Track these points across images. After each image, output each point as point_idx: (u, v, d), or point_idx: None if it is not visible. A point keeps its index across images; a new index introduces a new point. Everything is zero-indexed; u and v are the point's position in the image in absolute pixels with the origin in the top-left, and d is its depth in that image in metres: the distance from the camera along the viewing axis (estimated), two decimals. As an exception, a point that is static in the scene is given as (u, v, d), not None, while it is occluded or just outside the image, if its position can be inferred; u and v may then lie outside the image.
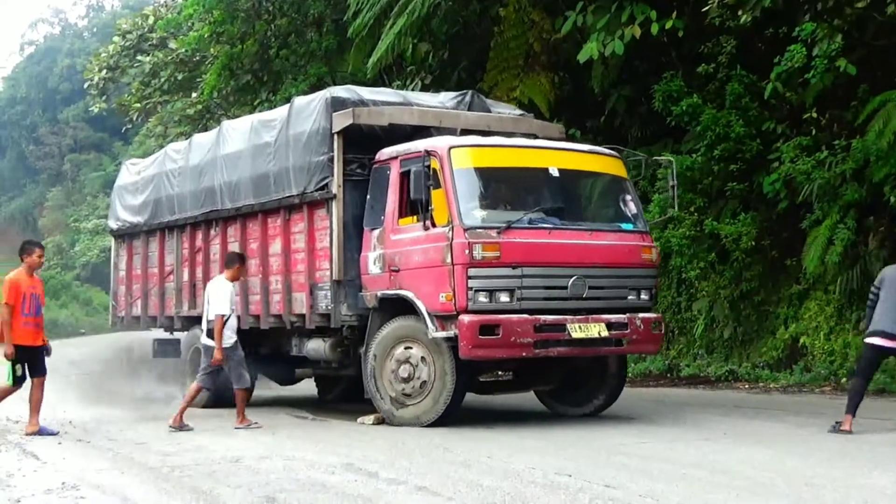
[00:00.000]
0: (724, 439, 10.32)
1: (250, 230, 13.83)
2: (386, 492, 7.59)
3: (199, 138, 16.20)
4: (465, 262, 10.56)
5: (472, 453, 9.49)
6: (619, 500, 7.07)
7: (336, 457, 9.36)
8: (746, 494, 7.26)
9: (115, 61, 34.98)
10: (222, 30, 27.80)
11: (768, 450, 9.49)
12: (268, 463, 9.14)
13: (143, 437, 11.32)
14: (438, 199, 10.90)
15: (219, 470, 8.79)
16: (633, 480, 7.81)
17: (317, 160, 12.25)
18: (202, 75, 30.71)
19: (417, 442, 10.41)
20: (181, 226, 15.38)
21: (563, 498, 7.23)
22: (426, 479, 8.06)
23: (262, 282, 13.41)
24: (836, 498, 7.12)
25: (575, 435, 10.75)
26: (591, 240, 11.43)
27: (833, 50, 15.78)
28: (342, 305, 12.06)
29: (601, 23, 16.94)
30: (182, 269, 15.25)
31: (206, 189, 14.62)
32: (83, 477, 8.57)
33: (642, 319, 11.51)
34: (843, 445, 9.77)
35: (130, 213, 16.93)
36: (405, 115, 12.50)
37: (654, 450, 9.56)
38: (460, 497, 7.28)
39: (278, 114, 13.75)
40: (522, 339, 10.59)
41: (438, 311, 10.81)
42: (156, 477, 8.58)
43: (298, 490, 7.70)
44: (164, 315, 15.87)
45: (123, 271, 17.26)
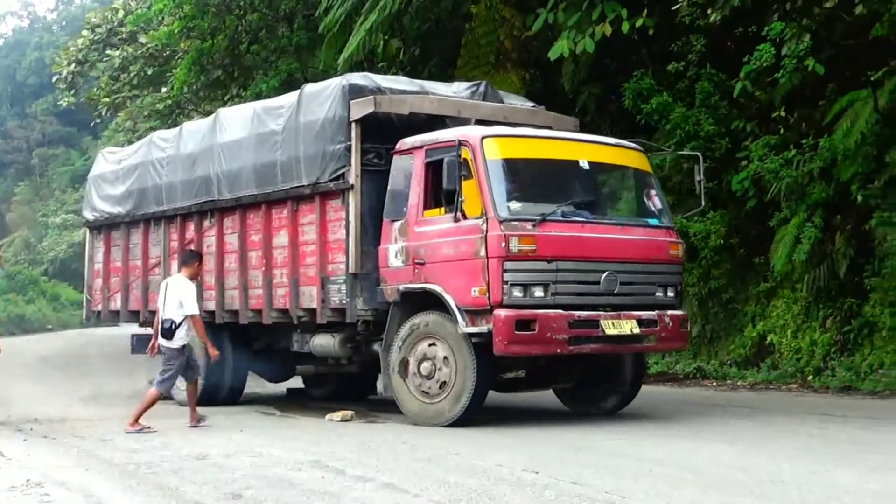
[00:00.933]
0: (692, 436, 10.35)
1: (251, 221, 13.30)
2: (353, 488, 7.53)
3: (191, 125, 15.66)
4: (501, 255, 10.19)
5: (439, 450, 9.44)
6: (585, 496, 7.04)
7: (303, 454, 9.29)
8: (712, 491, 7.26)
9: (84, 55, 34.63)
10: (193, 25, 27.60)
11: (735, 447, 9.52)
12: (235, 460, 9.06)
13: (110, 433, 11.18)
14: (469, 191, 10.51)
15: (185, 467, 8.69)
16: (600, 477, 7.79)
17: (332, 149, 11.79)
18: (172, 70, 30.55)
19: (385, 438, 10.41)
20: (170, 216, 14.79)
21: (529, 494, 7.23)
22: (393, 475, 8.02)
23: (264, 275, 12.91)
24: (800, 494, 7.14)
25: (544, 432, 10.78)
26: (622, 234, 11.22)
27: (801, 49, 15.87)
28: (358, 300, 11.64)
29: (572, 20, 16.90)
30: (170, 261, 14.60)
31: (200, 178, 14.08)
32: (48, 474, 8.47)
33: (671, 317, 11.27)
34: (807, 443, 9.83)
35: (109, 204, 16.28)
36: (426, 103, 12.11)
37: (622, 447, 9.56)
38: (427, 494, 7.23)
39: (286, 101, 13.20)
40: (557, 335, 10.27)
41: (469, 305, 10.44)
42: (121, 474, 8.48)
43: (265, 487, 7.63)
44: (147, 310, 15.10)
45: (100, 264, 16.64)
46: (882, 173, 14.80)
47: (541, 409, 12.34)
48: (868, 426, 11.17)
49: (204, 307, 13.24)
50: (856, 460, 8.66)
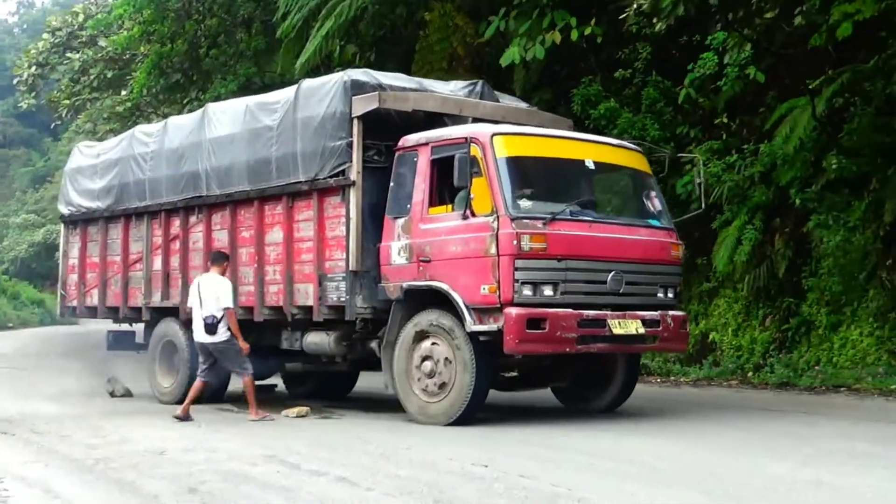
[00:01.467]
0: (637, 431, 10.44)
1: (242, 218, 12.80)
2: (307, 482, 7.57)
3: (177, 120, 15.07)
4: (513, 253, 9.82)
5: (391, 445, 9.49)
6: (531, 489, 7.12)
7: (259, 448, 9.30)
8: (652, 483, 7.36)
9: (44, 58, 34.42)
10: (152, 29, 27.59)
11: (676, 441, 9.63)
12: (191, 455, 9.05)
13: (68, 430, 11.08)
14: (479, 188, 10.11)
15: (142, 462, 8.70)
16: (546, 471, 7.87)
17: (332, 145, 11.33)
18: (132, 73, 30.38)
19: (339, 434, 10.46)
20: (153, 212, 14.24)
21: (478, 487, 7.28)
22: (346, 469, 8.05)
23: (255, 272, 12.48)
24: (737, 484, 7.27)
25: (493, 427, 10.72)
26: (627, 234, 10.88)
27: (743, 58, 16.14)
28: (357, 297, 11.18)
29: (523, 28, 17.09)
30: (153, 257, 14.14)
31: (187, 174, 13.55)
32: (7, 469, 8.43)
33: (672, 317, 10.99)
34: (745, 437, 9.96)
35: (87, 199, 15.66)
36: (429, 101, 11.69)
37: (568, 442, 9.57)
38: (379, 487, 7.28)
39: (281, 96, 12.67)
40: (567, 333, 9.90)
41: (478, 303, 10.06)
42: (80, 469, 8.48)
43: (220, 481, 7.65)
44: (127, 305, 14.74)
45: (76, 259, 16.04)
46: (819, 178, 15.05)
47: (494, 405, 12.29)
48: (803, 421, 11.29)
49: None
50: (790, 452, 8.82)
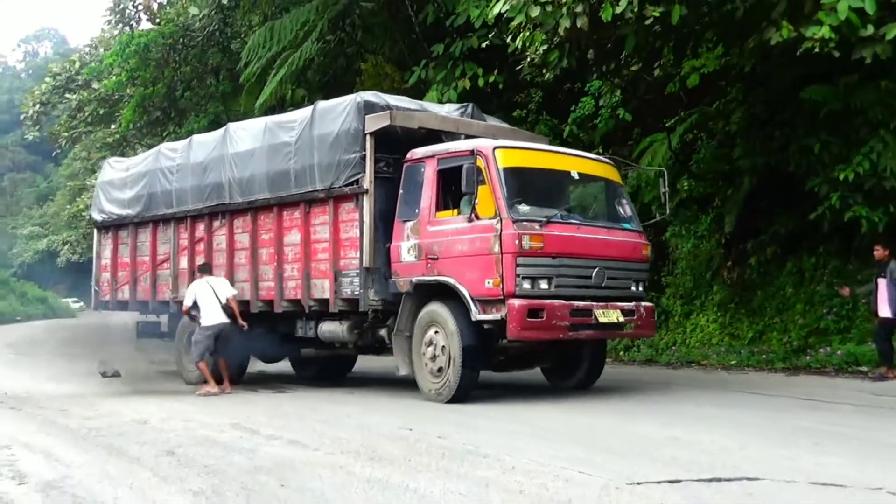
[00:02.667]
0: (546, 404, 10.19)
1: (262, 222, 12.19)
2: (265, 445, 7.55)
3: (200, 138, 14.17)
4: (515, 251, 9.29)
5: (335, 414, 9.51)
6: (446, 447, 7.17)
7: (226, 418, 9.21)
8: (546, 441, 7.44)
9: (47, 98, 34.39)
10: (137, 75, 27.44)
11: (567, 410, 9.63)
12: (170, 423, 8.97)
13: (66, 405, 10.91)
14: (483, 194, 9.57)
15: (129, 430, 8.61)
16: (461, 434, 7.88)
17: (346, 158, 10.78)
18: (120, 111, 30.26)
19: (291, 406, 10.41)
20: (180, 218, 13.56)
21: (403, 446, 7.32)
22: (297, 434, 8.04)
23: (275, 270, 11.86)
24: (609, 441, 7.39)
25: (420, 402, 10.43)
26: (607, 236, 10.34)
27: (614, 102, 16.44)
28: (370, 291, 10.65)
29: (440, 76, 17.23)
30: (179, 257, 13.52)
31: (212, 185, 12.90)
32: (15, 438, 8.29)
33: (645, 307, 10.51)
34: (619, 404, 10.07)
35: (118, 206, 14.91)
36: (431, 120, 11.15)
37: (490, 412, 9.45)
38: (324, 448, 7.29)
39: (298, 116, 12.06)
40: (561, 322, 9.43)
41: (483, 295, 9.51)
42: (76, 437, 8.36)
43: (194, 445, 7.60)
44: (155, 299, 14.06)
45: (108, 259, 15.24)
46: (674, 197, 15.29)
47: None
48: (664, 390, 11.46)
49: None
50: (653, 415, 9.01)
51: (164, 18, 27.92)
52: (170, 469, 6.58)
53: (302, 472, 6.32)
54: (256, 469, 6.47)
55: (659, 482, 5.77)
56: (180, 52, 26.38)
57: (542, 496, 5.49)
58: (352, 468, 6.43)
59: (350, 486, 5.85)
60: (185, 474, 6.35)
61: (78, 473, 6.54)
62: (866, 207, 12.79)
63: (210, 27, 25.59)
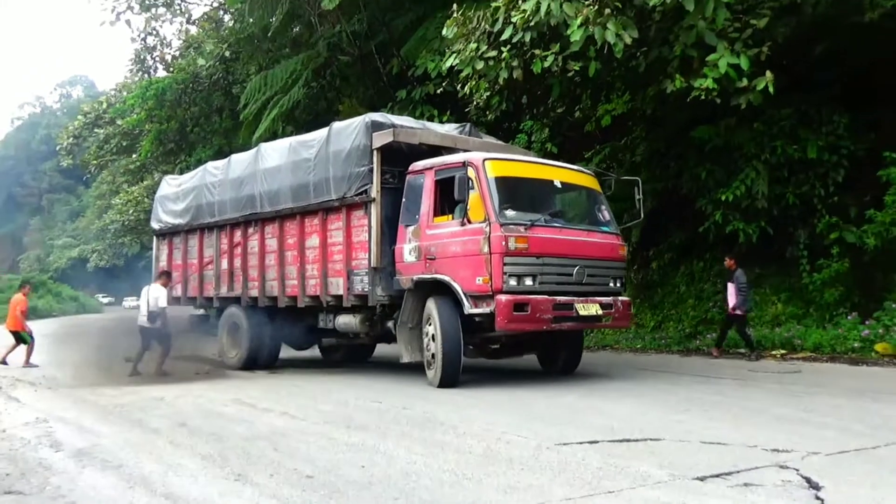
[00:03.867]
0: (495, 382, 9.99)
1: (288, 229, 11.56)
2: (261, 416, 7.49)
3: (237, 157, 13.39)
4: (502, 252, 8.63)
5: (319, 391, 9.44)
6: (409, 415, 7.19)
7: (229, 395, 9.11)
8: (490, 411, 7.45)
9: (79, 132, 34.37)
10: (154, 114, 27.19)
11: (517, 387, 9.55)
12: (182, 400, 8.86)
13: (95, 385, 10.69)
14: (473, 201, 8.96)
15: (148, 406, 8.48)
16: (422, 405, 7.88)
17: (356, 171, 10.20)
18: (140, 143, 30.00)
19: (282, 384, 10.27)
20: (221, 226, 12.93)
21: (374, 415, 7.32)
22: (288, 407, 7.98)
23: (298, 270, 11.24)
24: (540, 409, 7.43)
25: (390, 381, 10.46)
26: (587, 238, 9.54)
27: (543, 138, 16.50)
28: (377, 288, 10.04)
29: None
30: (221, 259, 12.89)
31: (246, 196, 12.32)
32: (51, 413, 8.12)
33: (622, 302, 9.71)
34: (553, 381, 9.94)
35: (171, 217, 14.33)
36: (431, 136, 10.43)
37: (450, 390, 9.09)
38: (310, 418, 7.26)
39: (316, 136, 11.36)
40: (544, 315, 8.71)
41: (474, 291, 8.85)
42: (104, 412, 8.19)
43: (202, 417, 7.52)
44: (202, 296, 13.50)
45: (164, 262, 14.50)
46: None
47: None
48: (584, 370, 11.10)
49: (248, 294, 12.16)
50: (577, 390, 8.94)
51: (176, 68, 27.75)
52: (182, 437, 6.50)
53: (292, 439, 6.27)
54: (254, 436, 6.40)
55: (581, 443, 5.82)
56: (190, 95, 26.20)
57: (487, 455, 5.50)
58: (333, 434, 6.39)
59: (331, 449, 5.82)
60: (195, 442, 6.28)
61: (105, 442, 6.42)
62: (743, 222, 13.05)
63: (215, 75, 25.48)
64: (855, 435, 5.94)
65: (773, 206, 12.99)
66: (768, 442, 5.68)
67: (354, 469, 5.18)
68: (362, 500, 4.48)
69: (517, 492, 4.56)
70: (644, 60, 12.05)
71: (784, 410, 7.10)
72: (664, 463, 5.14)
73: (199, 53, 26.58)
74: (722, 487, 4.57)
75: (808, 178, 12.85)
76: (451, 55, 12.54)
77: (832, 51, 12.25)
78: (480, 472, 5.00)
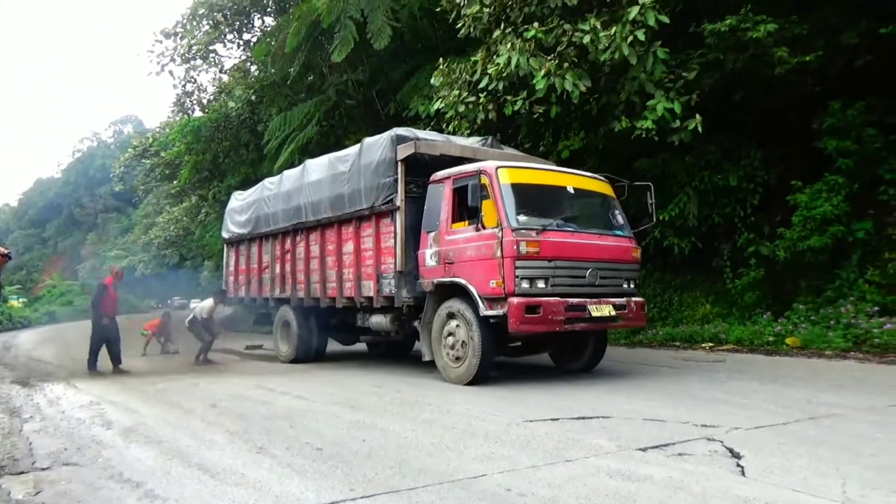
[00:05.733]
0: None
1: (328, 236, 10.88)
2: (280, 398, 7.45)
3: (288, 173, 12.60)
4: (514, 256, 7.65)
5: (328, 378, 9.38)
6: (403, 399, 7.12)
7: (253, 381, 9.08)
8: (472, 397, 7.39)
9: (128, 162, 33.95)
10: (192, 147, 26.94)
11: (494, 375, 9.51)
12: (214, 386, 8.81)
13: (141, 374, 10.63)
14: (487, 208, 8.01)
15: (185, 390, 8.43)
16: (413, 390, 7.87)
17: (383, 181, 9.39)
18: (179, 171, 29.63)
19: (297, 372, 10.18)
20: (274, 234, 12.35)
21: (374, 398, 7.26)
22: (302, 391, 7.95)
23: (337, 273, 10.55)
24: (516, 393, 7.39)
25: (387, 369, 10.46)
26: (599, 241, 8.44)
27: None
28: (403, 290, 9.19)
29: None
30: (275, 264, 12.34)
31: (294, 207, 11.66)
32: (104, 397, 8.07)
33: (635, 302, 8.52)
34: (525, 369, 9.88)
35: (237, 227, 13.76)
36: (451, 148, 9.47)
37: (429, 375, 9.28)
38: (319, 400, 7.21)
39: (351, 151, 10.55)
40: (556, 316, 7.67)
41: (488, 294, 7.84)
42: (148, 396, 8.14)
43: (231, 399, 7.47)
44: (261, 296, 12.93)
45: (232, 267, 14.06)
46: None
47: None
48: (549, 361, 11.39)
49: (296, 295, 11.52)
50: (543, 377, 8.90)
51: (211, 109, 27.61)
52: (213, 416, 6.45)
53: (305, 417, 6.24)
54: (273, 415, 6.37)
55: (545, 420, 5.82)
56: (222, 132, 26.02)
57: (467, 430, 5.49)
58: (339, 413, 6.36)
59: (337, 426, 5.79)
60: (224, 420, 6.23)
61: (149, 421, 6.36)
62: (677, 238, 13.12)
63: (242, 115, 25.33)
64: (769, 413, 5.98)
65: (702, 225, 13.09)
66: (698, 419, 5.70)
67: (356, 442, 5.15)
68: (363, 468, 4.45)
69: (492, 460, 4.55)
70: (596, 105, 12.15)
71: (711, 393, 7.14)
72: (613, 437, 5.15)
73: (230, 97, 26.48)
74: (660, 457, 4.58)
75: (730, 201, 12.95)
76: (438, 100, 12.57)
77: (748, 98, 12.40)
78: (461, 445, 4.99)
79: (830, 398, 6.69)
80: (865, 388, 7.30)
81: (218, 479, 4.32)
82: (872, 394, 6.95)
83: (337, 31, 16.61)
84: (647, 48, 10.45)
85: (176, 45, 27.38)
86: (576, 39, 10.68)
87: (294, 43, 18.25)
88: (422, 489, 3.99)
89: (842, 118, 11.56)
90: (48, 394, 8.52)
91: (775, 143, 12.96)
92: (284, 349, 11.94)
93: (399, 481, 4.14)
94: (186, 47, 26.89)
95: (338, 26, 16.61)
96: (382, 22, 15.98)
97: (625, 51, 10.23)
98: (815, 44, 11.26)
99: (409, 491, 3.96)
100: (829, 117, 11.67)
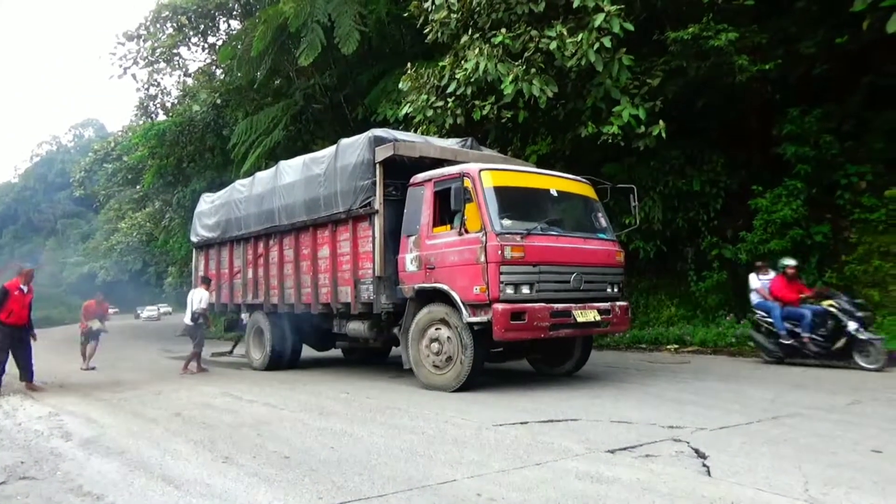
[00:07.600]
0: None
1: (302, 240, 10.49)
2: (247, 407, 7.31)
3: (260, 175, 12.22)
4: (498, 261, 7.32)
5: (297, 384, 9.25)
6: (373, 405, 7.08)
7: (218, 389, 8.91)
8: (436, 398, 7.39)
9: (89, 166, 33.23)
10: (155, 151, 26.44)
11: None
12: (177, 393, 8.62)
13: (99, 382, 10.33)
14: (470, 211, 7.69)
15: (147, 399, 8.20)
16: (382, 395, 7.83)
17: (361, 184, 9.04)
18: (143, 176, 29.09)
19: (265, 379, 10.02)
20: (246, 238, 11.92)
21: (343, 404, 7.20)
22: (269, 398, 7.82)
23: (312, 279, 10.17)
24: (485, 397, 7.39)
25: (357, 374, 10.41)
26: (584, 245, 8.14)
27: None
28: (382, 296, 8.84)
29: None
30: (247, 269, 11.90)
31: (266, 211, 11.27)
32: (62, 407, 7.82)
33: (620, 307, 8.26)
34: (494, 373, 9.67)
35: (206, 231, 13.25)
36: (431, 150, 9.15)
37: (398, 380, 9.22)
38: (288, 407, 7.11)
39: (327, 152, 10.11)
40: (541, 322, 7.38)
41: (472, 300, 7.52)
42: (108, 405, 7.91)
43: (195, 408, 7.31)
44: (232, 302, 12.51)
45: (201, 272, 13.43)
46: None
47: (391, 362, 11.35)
48: (521, 365, 11.12)
49: (270, 301, 11.13)
50: (513, 381, 8.89)
51: (175, 113, 27.14)
52: (177, 426, 6.30)
53: (272, 425, 6.13)
54: (240, 424, 6.25)
55: (514, 423, 5.82)
56: (186, 136, 25.61)
57: (437, 435, 5.46)
58: (307, 421, 6.27)
59: (307, 433, 5.70)
60: (188, 429, 6.08)
61: (110, 432, 6.17)
62: (642, 241, 13.30)
63: (208, 119, 24.96)
64: (734, 413, 6.08)
65: (667, 229, 13.29)
66: (665, 420, 5.77)
67: (325, 450, 5.09)
68: (332, 475, 4.39)
69: (462, 466, 4.53)
70: (563, 110, 12.27)
71: (677, 394, 7.23)
72: (581, 439, 5.17)
73: (195, 101, 26.03)
74: (628, 458, 4.61)
75: (693, 206, 13.18)
76: (406, 104, 12.55)
77: (710, 105, 12.65)
78: (431, 450, 4.96)
79: (793, 398, 6.83)
80: (826, 388, 7.49)
81: (182, 490, 4.22)
82: (833, 393, 7.13)
83: (304, 36, 16.49)
84: (613, 55, 10.60)
85: (139, 48, 26.86)
86: (543, 46, 10.77)
87: (260, 47, 18.05)
88: (391, 495, 3.95)
89: (800, 125, 11.87)
90: (3, 405, 8.20)
91: (737, 149, 13.24)
92: (257, 357, 11.66)
93: (369, 488, 4.10)
94: (150, 50, 26.40)
95: (305, 30, 16.49)
96: (350, 26, 15.92)
97: (591, 57, 10.36)
98: (774, 52, 11.55)
99: (379, 498, 3.93)
100: (788, 124, 11.97)
